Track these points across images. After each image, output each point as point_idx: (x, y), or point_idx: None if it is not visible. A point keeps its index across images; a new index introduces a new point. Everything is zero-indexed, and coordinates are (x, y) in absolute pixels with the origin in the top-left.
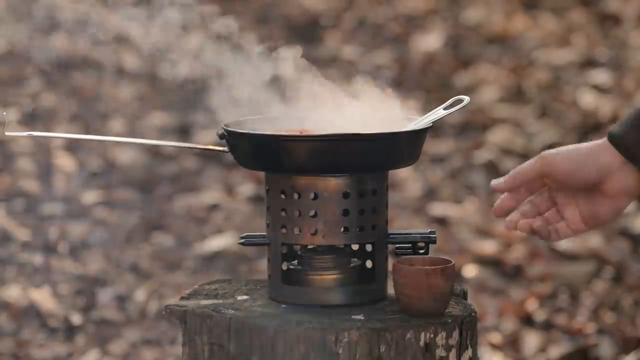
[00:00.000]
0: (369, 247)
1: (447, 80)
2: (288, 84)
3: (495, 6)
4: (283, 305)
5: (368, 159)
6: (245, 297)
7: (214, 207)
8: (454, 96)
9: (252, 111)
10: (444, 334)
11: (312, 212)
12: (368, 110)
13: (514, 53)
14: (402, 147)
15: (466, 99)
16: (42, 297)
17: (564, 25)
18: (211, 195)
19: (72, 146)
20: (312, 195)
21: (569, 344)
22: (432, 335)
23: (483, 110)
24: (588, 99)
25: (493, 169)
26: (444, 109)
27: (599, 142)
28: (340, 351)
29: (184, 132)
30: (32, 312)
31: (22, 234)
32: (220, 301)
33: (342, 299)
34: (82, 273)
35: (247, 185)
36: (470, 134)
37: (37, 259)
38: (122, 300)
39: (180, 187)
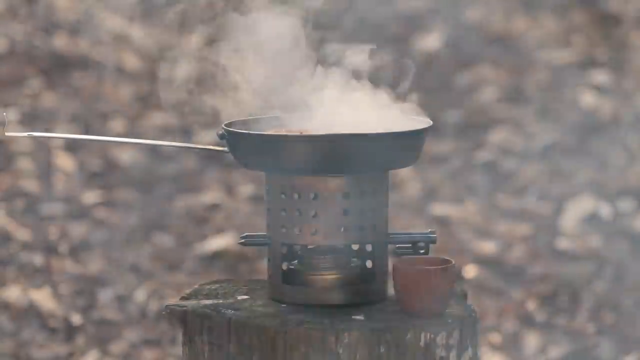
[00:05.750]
0: (369, 247)
1: (447, 80)
2: (288, 83)
3: (495, 6)
4: (283, 305)
5: (368, 159)
6: (245, 297)
7: (214, 207)
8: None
9: (254, 111)
10: (444, 334)
11: (312, 212)
12: (368, 110)
13: (514, 53)
14: (402, 147)
15: None
16: (42, 298)
17: (564, 25)
18: (211, 195)
19: (72, 146)
20: (312, 195)
21: (569, 344)
22: (432, 335)
23: (483, 110)
24: (588, 99)
25: (493, 169)
26: None
27: None
28: (341, 351)
29: (184, 132)
30: (32, 312)
31: (22, 234)
32: (220, 301)
33: (342, 299)
34: (82, 273)
35: (247, 185)
36: (470, 134)
37: (37, 259)
38: (122, 300)
39: (180, 187)
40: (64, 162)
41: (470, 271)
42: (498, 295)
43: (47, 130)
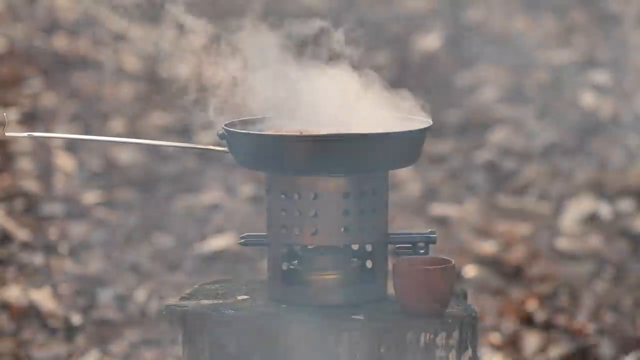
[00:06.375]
0: (369, 247)
1: (447, 80)
2: (289, 83)
3: (495, 6)
4: (283, 305)
5: (368, 159)
6: (245, 297)
7: (214, 207)
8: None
9: (254, 111)
10: (444, 334)
11: (312, 212)
12: (368, 110)
13: (514, 53)
14: (402, 147)
15: None
16: (42, 297)
17: (564, 25)
18: (211, 195)
19: (72, 146)
20: (312, 195)
21: (569, 344)
22: (432, 336)
23: (483, 110)
24: (588, 99)
25: (493, 169)
26: None
27: None
28: (341, 351)
29: (184, 132)
30: (32, 312)
31: (22, 234)
32: (221, 301)
33: (342, 299)
34: (82, 273)
35: (247, 185)
36: (470, 134)
37: (37, 259)
38: (122, 300)
39: (180, 187)
40: (64, 162)
41: (470, 271)
42: (498, 295)
43: (47, 130)
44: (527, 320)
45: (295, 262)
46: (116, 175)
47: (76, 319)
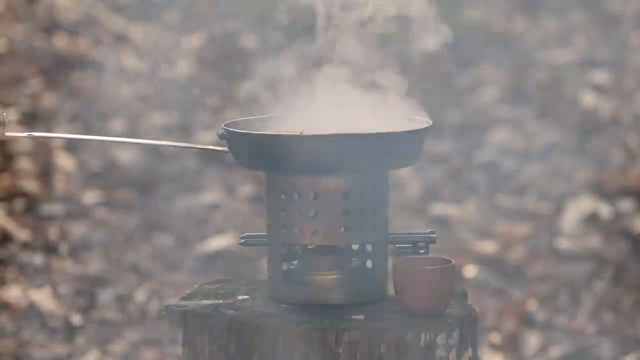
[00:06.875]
0: (369, 247)
1: (447, 80)
2: (289, 83)
3: (495, 6)
4: (283, 305)
5: (368, 159)
6: (245, 297)
7: (214, 207)
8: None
9: (254, 111)
10: (444, 334)
11: (312, 212)
12: (368, 110)
13: (514, 53)
14: (402, 147)
15: None
16: (42, 298)
17: (564, 25)
18: (211, 195)
19: (72, 146)
20: (312, 195)
21: (569, 344)
22: (432, 335)
23: (483, 110)
24: (588, 99)
25: (493, 169)
26: None
27: None
28: (341, 351)
29: (184, 132)
30: (32, 312)
31: (22, 234)
32: (220, 301)
33: (342, 299)
34: (82, 273)
35: (247, 185)
36: (470, 134)
37: (37, 259)
38: (122, 300)
39: (180, 187)
40: (64, 162)
41: (470, 271)
42: (498, 295)
43: (47, 130)
44: (527, 320)
45: (295, 262)
46: (116, 175)
47: (76, 319)
